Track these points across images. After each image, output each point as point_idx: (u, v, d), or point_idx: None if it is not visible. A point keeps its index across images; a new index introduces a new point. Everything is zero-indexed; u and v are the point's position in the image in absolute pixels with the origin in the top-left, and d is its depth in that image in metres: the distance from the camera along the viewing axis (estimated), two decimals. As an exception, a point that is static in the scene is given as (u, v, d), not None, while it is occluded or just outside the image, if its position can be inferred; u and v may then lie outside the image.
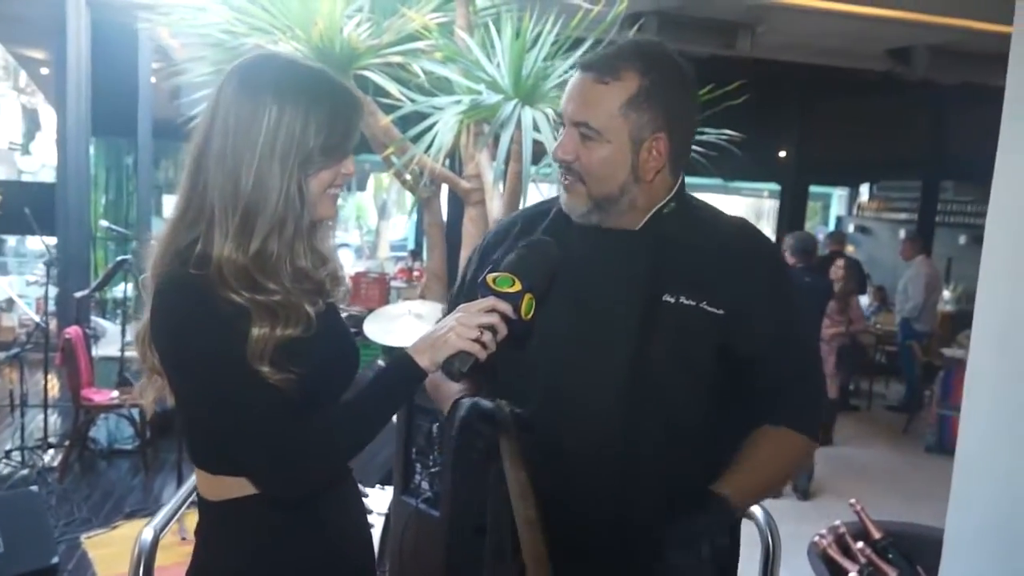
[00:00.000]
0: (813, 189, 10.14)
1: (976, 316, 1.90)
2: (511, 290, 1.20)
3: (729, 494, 1.22)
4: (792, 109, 8.95)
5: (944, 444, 6.06)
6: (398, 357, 1.22)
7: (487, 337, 1.20)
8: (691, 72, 1.30)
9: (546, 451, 1.26)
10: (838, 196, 13.92)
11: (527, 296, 1.20)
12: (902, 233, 10.52)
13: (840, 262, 5.97)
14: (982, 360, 1.89)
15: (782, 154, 9.73)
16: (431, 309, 3.10)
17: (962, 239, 10.00)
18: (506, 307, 1.21)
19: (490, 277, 1.22)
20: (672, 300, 1.27)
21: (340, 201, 1.30)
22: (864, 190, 12.43)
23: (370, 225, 15.88)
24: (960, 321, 8.43)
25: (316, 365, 1.20)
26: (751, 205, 18.77)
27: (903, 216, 10.94)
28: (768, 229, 18.68)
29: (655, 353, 1.26)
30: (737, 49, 6.32)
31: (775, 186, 11.41)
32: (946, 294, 9.35)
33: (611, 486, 1.27)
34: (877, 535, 2.31)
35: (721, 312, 1.26)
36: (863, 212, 12.01)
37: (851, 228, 11.76)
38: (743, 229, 1.36)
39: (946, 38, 6.67)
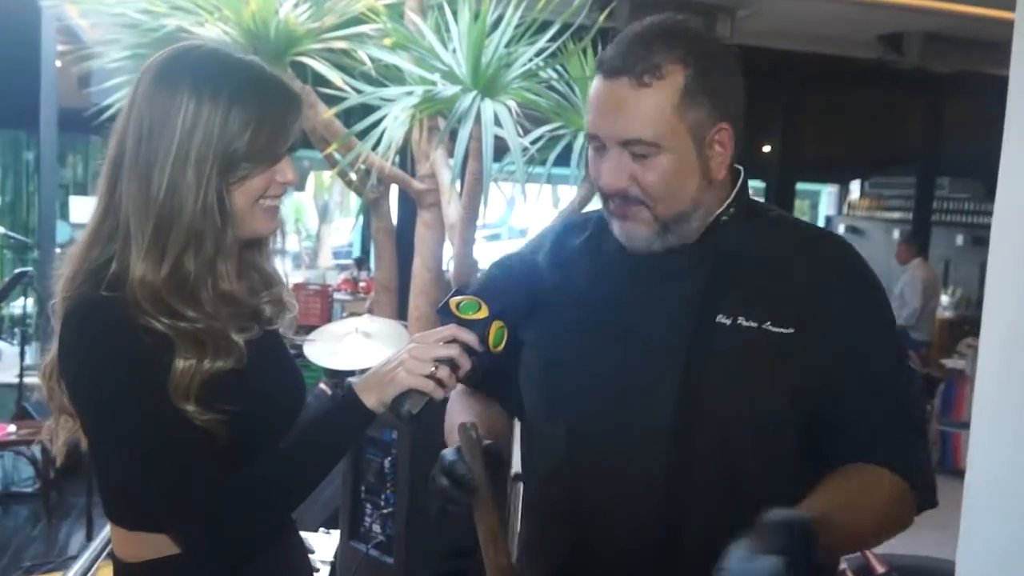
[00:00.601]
0: (800, 186, 10.31)
1: (984, 323, 1.92)
2: (476, 316, 1.16)
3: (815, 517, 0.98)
4: (776, 100, 9.09)
5: (947, 464, 6.19)
6: (345, 396, 1.18)
7: (444, 373, 1.14)
8: (733, 47, 1.26)
9: (570, 507, 1.20)
10: (827, 194, 14.17)
11: (496, 324, 1.15)
12: (896, 234, 10.77)
13: None
14: (992, 371, 1.91)
15: (766, 149, 9.88)
16: (381, 327, 3.06)
17: (960, 239, 10.26)
18: (470, 337, 1.15)
19: (453, 301, 1.17)
20: (728, 321, 1.19)
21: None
22: (855, 187, 12.67)
23: (310, 229, 15.73)
24: (960, 328, 8.64)
25: (251, 403, 1.16)
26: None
27: (897, 215, 11.19)
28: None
29: (707, 390, 1.17)
30: (716, 35, 6.41)
31: (759, 183, 11.57)
32: (944, 299, 9.58)
33: (649, 554, 1.17)
34: (880, 569, 2.33)
35: (790, 331, 1.17)
36: (854, 211, 12.25)
37: (841, 228, 11.98)
38: (819, 236, 1.29)
39: (941, 24, 6.84)
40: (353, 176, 3.53)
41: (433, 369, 1.14)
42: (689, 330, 1.20)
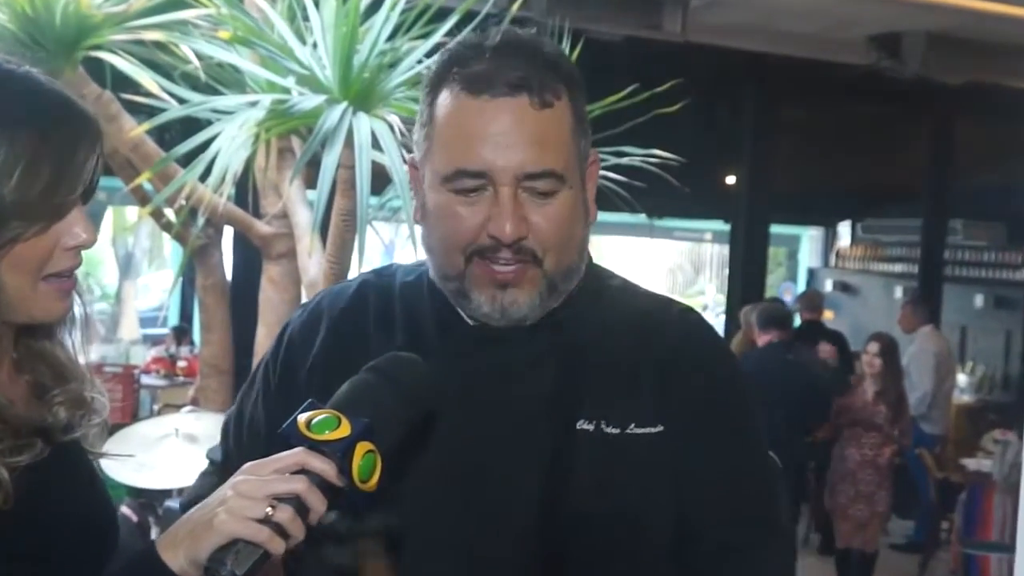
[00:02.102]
0: (774, 229, 10.66)
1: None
2: (333, 436, 1.12)
3: None
4: (744, 118, 9.43)
5: (973, 599, 6.37)
6: (140, 554, 1.13)
7: (284, 515, 1.08)
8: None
9: None
10: (809, 238, 14.72)
11: (362, 447, 1.12)
12: (898, 292, 11.21)
13: (873, 348, 6.24)
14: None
15: (729, 180, 10.20)
16: (211, 426, 2.99)
17: (979, 300, 10.72)
18: (324, 466, 1.11)
19: (302, 418, 1.13)
20: (591, 427, 1.31)
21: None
22: (844, 230, 13.19)
23: (106, 287, 15.37)
24: (982, 417, 8.97)
25: (30, 553, 1.11)
26: (687, 252, 19.57)
27: (899, 268, 11.67)
28: (711, 287, 19.57)
29: (575, 519, 1.28)
30: (664, 32, 6.63)
31: (721, 225, 11.93)
32: (961, 378, 9.91)
33: None
34: None
35: (659, 429, 1.32)
36: (844, 261, 12.73)
37: (828, 285, 12.42)
38: (662, 312, 1.42)
39: (947, 22, 7.23)
40: (171, 215, 3.47)
41: (269, 511, 1.08)
42: (543, 442, 1.30)
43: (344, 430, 1.12)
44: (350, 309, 1.42)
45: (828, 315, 9.84)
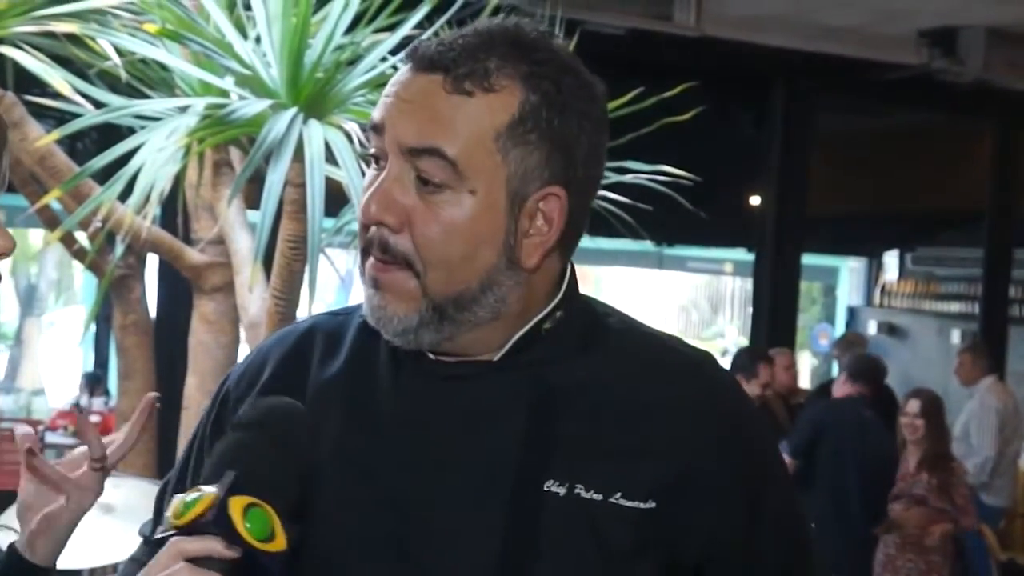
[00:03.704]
0: (808, 260, 10.67)
1: None
2: (201, 508, 1.16)
3: None
4: (771, 127, 9.46)
5: None
6: None
7: None
8: (600, 86, 1.40)
9: None
10: (849, 271, 14.78)
11: (238, 503, 1.16)
12: (956, 336, 11.22)
13: (913, 407, 6.16)
14: None
15: (755, 201, 10.23)
16: (130, 495, 2.98)
17: (1052, 345, 10.74)
18: (204, 543, 1.15)
19: (170, 508, 1.18)
20: (562, 490, 1.31)
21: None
22: (891, 262, 13.24)
23: (3, 324, 15.32)
24: (1057, 487, 8.96)
25: None
26: (704, 286, 19.57)
27: (955, 307, 11.69)
28: (732, 328, 19.46)
29: None
30: (676, 24, 6.66)
31: (744, 255, 11.94)
32: (1030, 440, 9.91)
33: None
34: None
35: (651, 506, 1.32)
36: (891, 299, 12.75)
37: (871, 327, 12.44)
38: (675, 358, 1.43)
39: (1010, 16, 7.26)
40: (85, 241, 3.48)
41: None
42: (504, 505, 1.31)
43: (209, 496, 1.16)
44: (294, 354, 1.44)
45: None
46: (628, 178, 3.40)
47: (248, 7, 3.07)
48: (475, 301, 1.32)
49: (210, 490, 1.16)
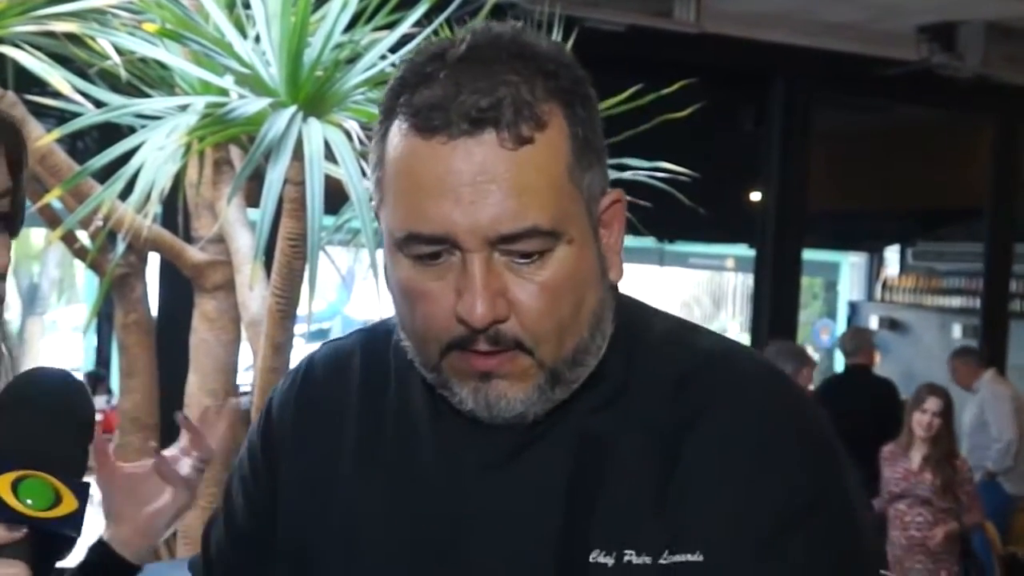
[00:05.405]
0: (809, 255, 10.65)
1: None
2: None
3: None
4: (771, 123, 9.46)
5: None
6: None
7: None
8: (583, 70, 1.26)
9: None
10: (850, 266, 14.76)
11: (3, 481, 1.10)
12: (957, 330, 11.21)
13: (933, 404, 6.05)
14: None
15: (755, 197, 10.22)
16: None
17: (1055, 339, 10.73)
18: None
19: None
20: (610, 560, 1.19)
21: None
22: (892, 257, 13.23)
23: (7, 324, 15.32)
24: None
25: None
26: (706, 283, 19.57)
27: (957, 302, 11.69)
28: (734, 324, 19.43)
29: None
30: (675, 20, 6.67)
31: (745, 250, 11.94)
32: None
33: None
34: None
35: (698, 559, 1.17)
36: (892, 294, 12.75)
37: (873, 322, 12.43)
38: (720, 370, 1.27)
39: (1009, 11, 7.27)
40: (86, 240, 3.48)
41: None
42: None
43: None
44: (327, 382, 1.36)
45: (876, 358, 9.77)
46: (628, 175, 3.40)
47: (247, 6, 3.07)
48: (587, 351, 1.21)
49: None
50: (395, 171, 1.17)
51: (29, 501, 1.10)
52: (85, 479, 1.14)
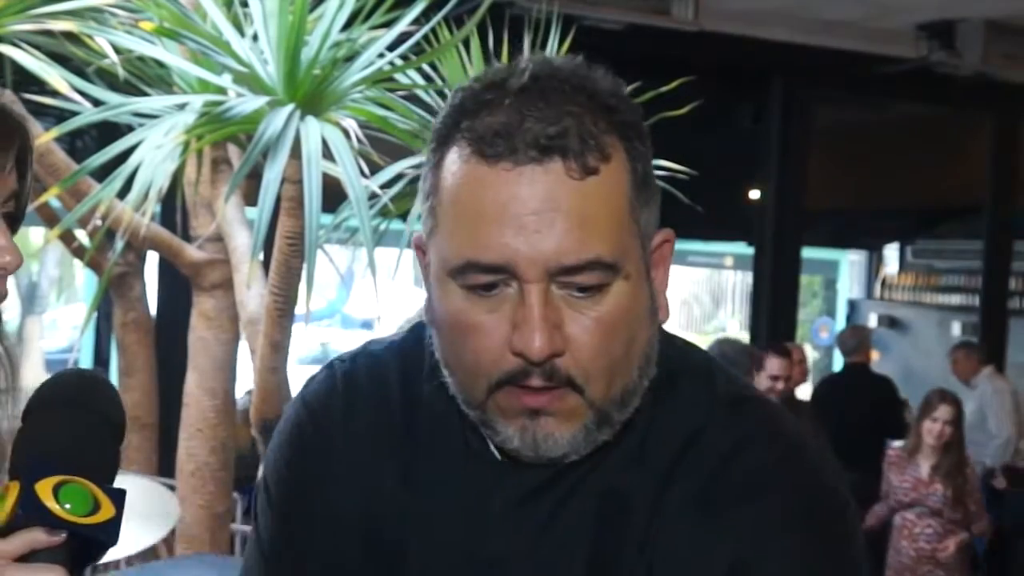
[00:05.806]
0: (808, 253, 10.63)
1: None
2: (9, 504, 1.11)
3: None
4: (770, 121, 9.45)
5: None
6: None
7: None
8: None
9: None
10: (850, 264, 14.74)
11: (46, 485, 1.11)
12: (956, 328, 11.21)
13: (945, 412, 5.93)
14: None
15: (753, 195, 10.22)
16: (131, 490, 2.98)
17: (1053, 337, 10.73)
18: (33, 538, 1.11)
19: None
20: None
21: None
22: (892, 255, 13.21)
23: (4, 323, 15.30)
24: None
25: None
26: (705, 281, 19.56)
27: (956, 299, 11.68)
28: (734, 323, 19.41)
29: None
30: (673, 18, 6.67)
31: (744, 248, 11.93)
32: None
33: None
34: None
35: None
36: (891, 292, 12.74)
37: (872, 320, 12.43)
38: (734, 426, 1.25)
39: (1008, 9, 7.27)
40: (84, 238, 3.48)
41: None
42: None
43: (13, 489, 1.12)
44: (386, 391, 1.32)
45: (873, 355, 9.75)
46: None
47: (245, 4, 3.08)
48: (634, 392, 1.19)
49: (12, 483, 1.12)
50: (453, 198, 1.13)
51: (69, 506, 1.10)
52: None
